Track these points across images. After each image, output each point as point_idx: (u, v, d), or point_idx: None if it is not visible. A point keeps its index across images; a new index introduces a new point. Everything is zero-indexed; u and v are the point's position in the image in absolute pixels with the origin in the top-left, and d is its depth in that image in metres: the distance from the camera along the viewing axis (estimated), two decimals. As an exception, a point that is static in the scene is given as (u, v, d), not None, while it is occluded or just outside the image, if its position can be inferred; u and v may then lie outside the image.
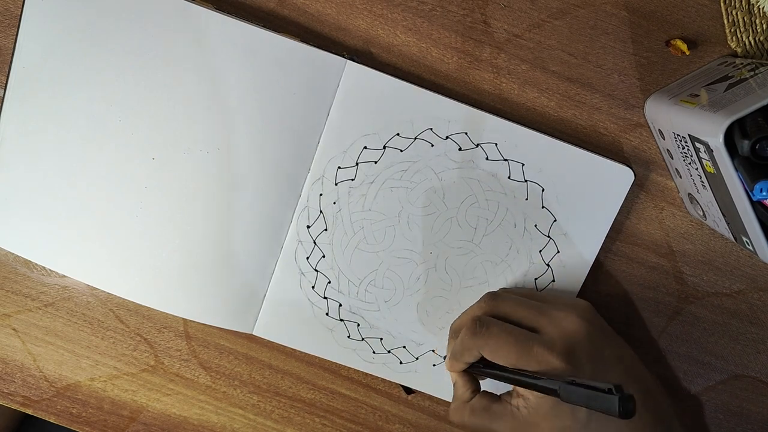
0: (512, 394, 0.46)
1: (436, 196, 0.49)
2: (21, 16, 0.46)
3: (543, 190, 0.50)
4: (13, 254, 0.51)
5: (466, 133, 0.49)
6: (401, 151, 0.49)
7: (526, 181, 0.49)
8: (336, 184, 0.49)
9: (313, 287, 0.51)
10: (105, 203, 0.49)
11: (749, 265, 0.52)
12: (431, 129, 0.48)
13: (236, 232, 0.49)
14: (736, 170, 0.39)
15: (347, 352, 0.52)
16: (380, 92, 0.48)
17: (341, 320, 0.52)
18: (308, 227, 0.50)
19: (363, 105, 0.48)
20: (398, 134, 0.49)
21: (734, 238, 0.45)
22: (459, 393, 0.49)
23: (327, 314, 0.51)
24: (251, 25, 0.46)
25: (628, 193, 0.50)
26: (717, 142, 0.38)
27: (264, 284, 0.51)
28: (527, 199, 0.50)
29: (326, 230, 0.50)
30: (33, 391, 0.55)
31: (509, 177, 0.49)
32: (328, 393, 0.55)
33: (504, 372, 0.45)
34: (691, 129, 0.42)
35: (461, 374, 0.49)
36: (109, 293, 0.51)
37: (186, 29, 0.46)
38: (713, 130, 0.39)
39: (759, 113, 0.39)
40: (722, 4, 0.47)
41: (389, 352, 0.52)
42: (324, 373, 0.54)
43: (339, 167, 0.49)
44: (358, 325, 0.52)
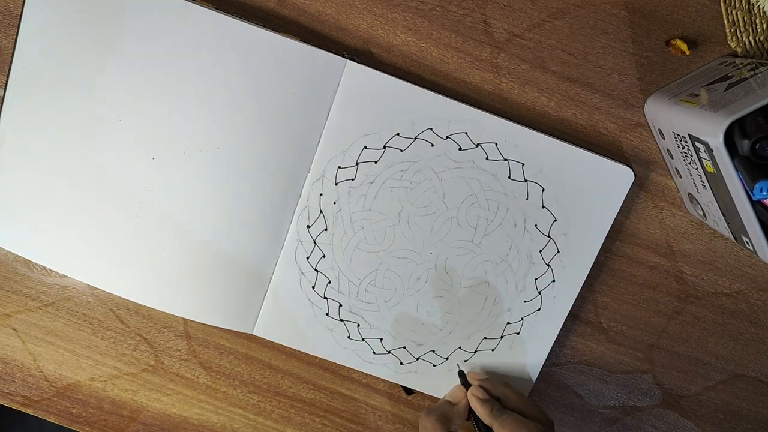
0: None
1: (436, 196, 0.49)
2: (21, 16, 0.46)
3: (543, 190, 0.50)
4: (13, 254, 0.51)
5: (467, 133, 0.49)
6: (401, 151, 0.49)
7: (527, 181, 0.49)
8: (336, 184, 0.49)
9: (313, 287, 0.51)
10: (105, 203, 0.49)
11: (749, 265, 0.52)
12: (431, 129, 0.48)
13: (236, 232, 0.49)
14: (736, 170, 0.39)
15: (347, 353, 0.52)
16: (380, 92, 0.48)
17: (341, 320, 0.52)
18: (308, 227, 0.50)
19: (363, 105, 0.48)
20: (398, 134, 0.49)
21: (734, 238, 0.45)
22: None
23: (327, 314, 0.51)
24: (251, 25, 0.46)
25: (628, 193, 0.50)
26: (717, 142, 0.38)
27: (264, 284, 0.51)
28: (527, 199, 0.50)
29: (326, 230, 0.50)
30: (33, 391, 0.55)
31: (509, 177, 0.49)
32: (328, 393, 0.55)
33: None
34: (691, 129, 0.42)
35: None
36: (109, 293, 0.51)
37: (186, 29, 0.46)
38: (713, 130, 0.39)
39: (759, 113, 0.39)
40: (722, 4, 0.47)
41: (389, 353, 0.52)
42: (324, 373, 0.54)
43: (339, 167, 0.49)
44: (358, 326, 0.52)
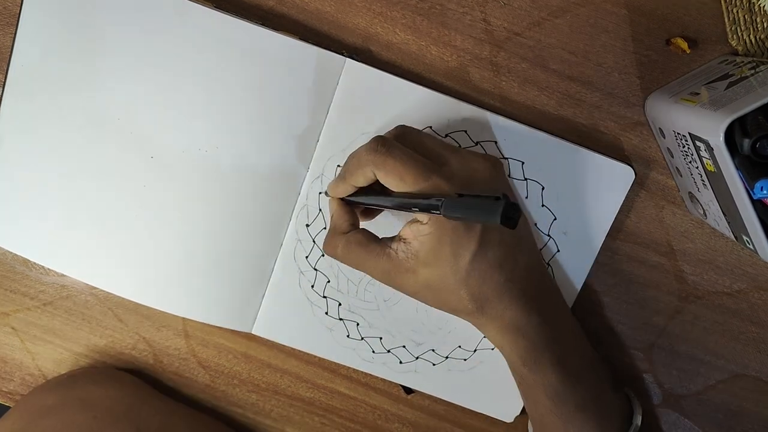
0: (394, 239, 0.43)
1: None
2: (19, 15, 0.45)
3: (543, 189, 0.49)
4: (12, 253, 0.51)
5: (466, 131, 0.48)
6: (401, 150, 0.49)
7: (526, 179, 0.49)
8: (335, 183, 0.49)
9: (313, 286, 0.51)
10: (103, 202, 0.49)
11: (750, 264, 0.52)
12: (431, 127, 0.48)
13: (235, 231, 0.49)
14: (737, 169, 0.39)
15: (346, 352, 0.52)
16: (379, 90, 0.47)
17: (340, 319, 0.51)
18: (307, 226, 0.50)
19: (362, 103, 0.48)
20: (398, 133, 0.48)
21: (735, 237, 0.45)
22: (336, 223, 0.45)
23: (326, 313, 0.51)
24: (250, 23, 0.46)
25: (629, 192, 0.49)
26: (717, 141, 0.38)
27: (263, 283, 0.51)
28: (527, 198, 0.49)
29: (326, 228, 0.50)
30: (32, 390, 0.55)
31: (509, 175, 0.49)
32: (328, 392, 0.55)
33: (387, 198, 0.42)
34: (692, 127, 0.41)
35: (341, 204, 0.46)
36: (108, 292, 0.50)
37: (184, 27, 0.46)
38: (714, 129, 0.39)
39: (759, 111, 0.38)
40: (723, 3, 0.47)
41: (389, 352, 0.52)
42: (323, 372, 0.54)
43: (338, 165, 0.49)
44: (358, 325, 0.52)
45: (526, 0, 0.48)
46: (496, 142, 0.49)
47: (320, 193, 0.49)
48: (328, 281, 0.51)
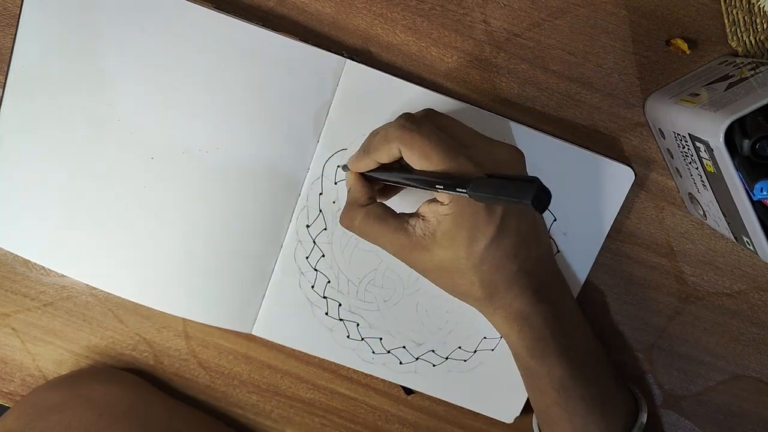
0: (412, 215, 0.43)
1: (436, 196, 0.49)
2: (19, 15, 0.45)
3: (543, 190, 0.49)
4: (12, 254, 0.51)
5: (466, 133, 0.48)
6: (401, 151, 0.49)
7: (526, 181, 0.49)
8: (336, 183, 0.49)
9: (313, 287, 0.51)
10: (104, 203, 0.49)
11: (750, 265, 0.52)
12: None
13: (235, 231, 0.49)
14: (737, 169, 0.39)
15: (347, 352, 0.52)
16: (380, 91, 0.47)
17: (341, 320, 0.51)
18: (308, 226, 0.50)
19: (362, 104, 0.48)
20: (398, 133, 0.48)
21: (735, 238, 0.45)
22: (355, 196, 0.45)
23: (326, 314, 0.51)
24: (250, 24, 0.46)
25: (629, 193, 0.49)
26: (717, 142, 0.38)
27: (263, 284, 0.51)
28: (527, 199, 0.49)
29: (326, 229, 0.50)
30: (32, 391, 0.55)
31: (509, 176, 0.49)
32: (328, 393, 0.55)
33: (410, 176, 0.41)
34: (692, 128, 0.41)
35: (360, 178, 0.45)
36: (108, 293, 0.50)
37: (185, 28, 0.46)
38: (713, 130, 0.39)
39: (759, 112, 0.38)
40: (722, 4, 0.47)
41: (389, 352, 0.52)
42: (323, 373, 0.54)
43: (338, 166, 0.49)
44: (358, 325, 0.52)
45: (526, 1, 0.48)
46: (496, 143, 0.49)
47: (320, 194, 0.49)
48: (329, 282, 0.51)
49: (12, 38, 0.46)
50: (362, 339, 0.52)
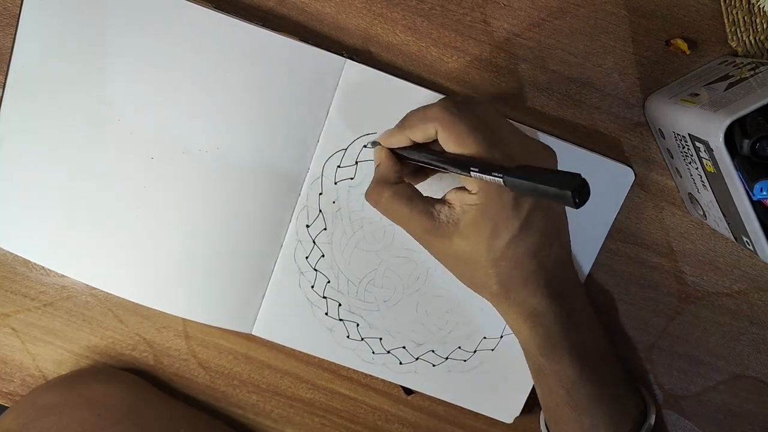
0: (438, 200, 0.42)
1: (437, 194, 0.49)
2: (19, 15, 0.45)
3: (543, 190, 0.49)
4: (12, 254, 0.51)
5: (466, 133, 0.48)
6: (401, 151, 0.49)
7: (526, 181, 0.49)
8: (335, 183, 0.49)
9: (313, 287, 0.51)
10: (104, 203, 0.49)
11: (750, 265, 0.52)
12: (431, 128, 0.48)
13: (235, 231, 0.49)
14: (737, 169, 0.39)
15: (347, 352, 0.52)
16: (380, 91, 0.47)
17: (341, 320, 0.51)
18: (307, 226, 0.50)
19: (362, 104, 0.48)
20: (398, 133, 0.48)
21: (734, 238, 0.45)
22: (384, 173, 0.44)
23: (326, 314, 0.51)
24: (250, 24, 0.46)
25: (629, 193, 0.49)
26: (717, 142, 0.38)
27: (263, 284, 0.51)
28: (527, 199, 0.49)
29: (326, 229, 0.50)
30: (32, 391, 0.55)
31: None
32: (328, 393, 0.55)
33: (443, 158, 0.40)
34: (691, 128, 0.41)
35: (390, 155, 0.45)
36: (108, 293, 0.50)
37: (184, 28, 0.46)
38: (713, 130, 0.39)
39: (759, 112, 0.38)
40: (722, 4, 0.47)
41: (389, 353, 0.52)
42: (323, 373, 0.54)
43: (338, 166, 0.49)
44: (358, 325, 0.52)
45: (526, 1, 0.48)
46: (496, 143, 0.49)
47: (320, 194, 0.49)
48: (328, 282, 0.51)
49: (12, 38, 0.46)
50: (362, 339, 0.52)
